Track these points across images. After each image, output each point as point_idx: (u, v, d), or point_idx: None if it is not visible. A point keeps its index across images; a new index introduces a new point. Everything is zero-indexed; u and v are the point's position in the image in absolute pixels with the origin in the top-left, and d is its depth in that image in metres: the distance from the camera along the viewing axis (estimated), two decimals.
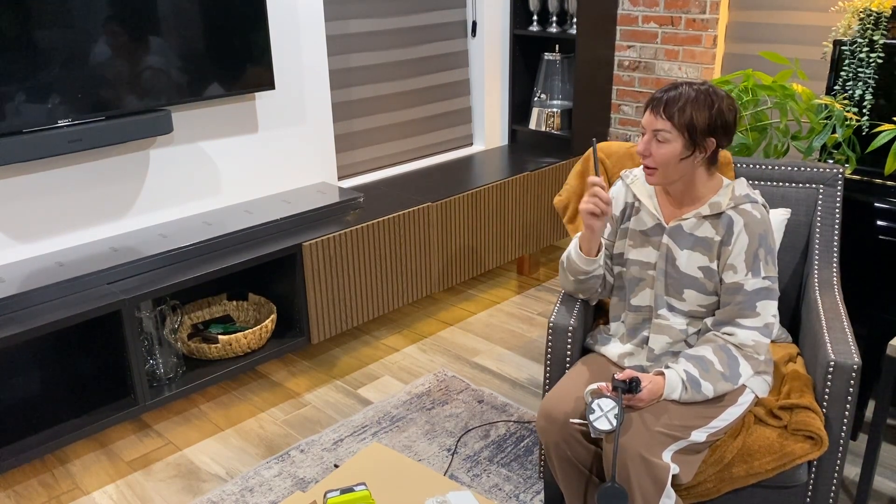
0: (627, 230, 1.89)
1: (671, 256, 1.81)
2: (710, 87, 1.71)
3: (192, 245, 2.51)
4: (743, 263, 1.73)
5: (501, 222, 3.31)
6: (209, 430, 2.61)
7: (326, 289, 2.71)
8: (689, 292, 1.80)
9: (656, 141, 1.71)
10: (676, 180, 1.76)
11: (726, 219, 1.75)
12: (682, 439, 1.69)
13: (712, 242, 1.77)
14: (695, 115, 1.67)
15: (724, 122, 1.70)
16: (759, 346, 1.74)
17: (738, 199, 1.76)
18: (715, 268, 1.77)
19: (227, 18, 2.56)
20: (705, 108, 1.68)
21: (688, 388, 1.70)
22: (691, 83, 1.72)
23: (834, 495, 1.82)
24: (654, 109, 1.71)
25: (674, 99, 1.69)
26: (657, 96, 1.72)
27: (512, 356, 3.05)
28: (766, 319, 1.73)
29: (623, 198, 1.91)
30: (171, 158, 2.69)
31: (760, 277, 1.73)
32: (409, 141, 3.56)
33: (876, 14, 2.47)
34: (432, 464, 2.40)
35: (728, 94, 1.73)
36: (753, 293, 1.72)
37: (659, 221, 1.83)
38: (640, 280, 1.87)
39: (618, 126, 3.85)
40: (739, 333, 1.73)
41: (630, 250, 1.88)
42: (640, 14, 3.59)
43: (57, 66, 2.22)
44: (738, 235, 1.73)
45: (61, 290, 2.25)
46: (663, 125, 1.69)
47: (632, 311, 1.90)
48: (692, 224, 1.79)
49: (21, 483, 2.35)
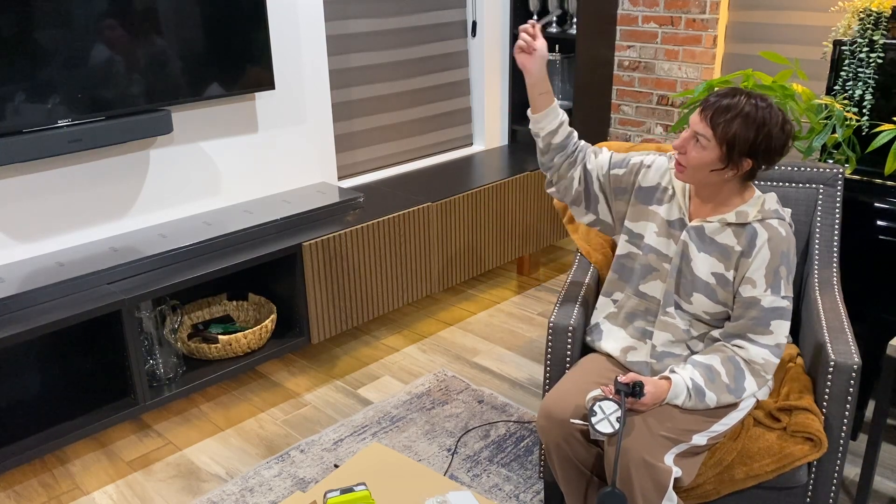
0: (657, 216, 1.83)
1: (687, 256, 1.78)
2: (769, 105, 1.63)
3: (192, 245, 2.51)
4: (763, 279, 1.69)
5: (501, 222, 3.31)
6: (209, 430, 2.61)
7: (326, 289, 2.71)
8: (697, 296, 1.77)
9: (695, 142, 1.66)
10: (703, 185, 1.73)
11: (750, 230, 1.71)
12: (684, 443, 1.68)
13: (732, 251, 1.73)
14: (739, 133, 1.61)
15: (769, 147, 1.63)
16: (767, 366, 1.71)
17: (766, 213, 1.72)
18: (730, 277, 1.73)
19: (227, 18, 2.56)
20: (754, 127, 1.61)
21: (692, 396, 1.69)
22: (752, 95, 1.64)
23: (834, 496, 1.82)
24: (703, 112, 1.65)
25: (725, 108, 1.62)
26: (711, 100, 1.65)
27: (512, 356, 3.05)
28: (778, 339, 1.71)
29: (661, 175, 1.85)
30: (171, 158, 2.69)
31: (779, 296, 1.69)
32: (409, 141, 3.56)
33: (876, 14, 2.47)
34: (432, 464, 2.40)
35: (786, 118, 1.64)
36: (770, 310, 1.69)
37: (682, 216, 1.80)
38: (654, 269, 1.83)
39: (618, 126, 3.85)
40: (750, 349, 1.70)
41: (653, 237, 1.83)
42: (640, 14, 3.59)
43: (57, 65, 2.22)
44: (760, 250, 1.69)
45: (61, 290, 2.25)
46: (705, 131, 1.64)
47: (636, 296, 1.87)
48: (715, 228, 1.75)
49: (21, 483, 2.35)
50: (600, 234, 2.27)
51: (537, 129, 1.84)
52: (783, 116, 1.65)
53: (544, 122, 1.82)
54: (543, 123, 1.82)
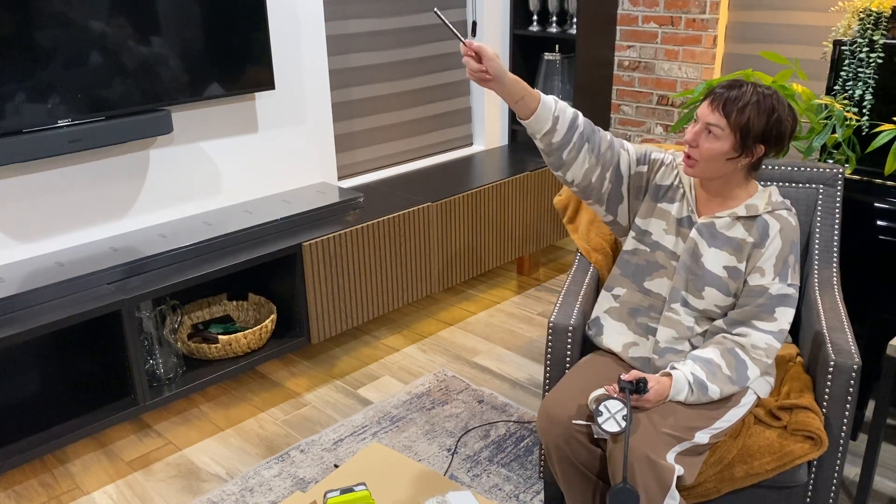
0: (668, 214, 1.83)
1: (696, 252, 1.79)
2: (774, 93, 1.68)
3: (192, 245, 2.51)
4: (772, 268, 1.72)
5: (501, 222, 3.31)
6: (209, 430, 2.61)
7: (326, 289, 2.70)
8: (709, 290, 1.78)
9: (706, 134, 1.69)
10: (714, 178, 1.75)
11: (762, 222, 1.74)
12: (687, 441, 1.68)
13: (744, 244, 1.75)
14: (752, 119, 1.65)
15: (780, 132, 1.68)
16: (770, 351, 1.73)
17: (775, 205, 1.76)
18: (742, 269, 1.75)
19: (227, 18, 2.56)
20: (765, 113, 1.65)
21: (694, 391, 1.70)
22: (756, 85, 1.68)
23: (834, 495, 1.82)
24: (713, 103, 1.67)
25: (735, 97, 1.66)
26: (718, 91, 1.68)
27: (512, 356, 3.05)
28: (781, 325, 1.73)
29: (674, 173, 1.85)
30: (171, 158, 2.69)
31: (786, 283, 1.72)
32: (409, 141, 3.56)
33: (876, 14, 2.47)
34: (432, 464, 2.40)
35: (790, 105, 1.70)
36: (776, 298, 1.72)
37: (691, 213, 1.81)
38: (660, 267, 1.84)
39: (618, 126, 3.85)
40: (753, 335, 1.72)
41: (662, 234, 1.84)
42: (640, 14, 3.59)
43: (57, 65, 2.22)
44: (773, 240, 1.72)
45: (61, 290, 2.25)
46: (718, 120, 1.66)
47: (640, 293, 1.87)
48: (725, 223, 1.77)
49: (21, 483, 2.35)
50: (600, 234, 2.27)
51: (532, 133, 1.76)
52: (787, 103, 1.69)
53: (535, 127, 1.73)
54: (535, 128, 1.73)
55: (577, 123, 1.75)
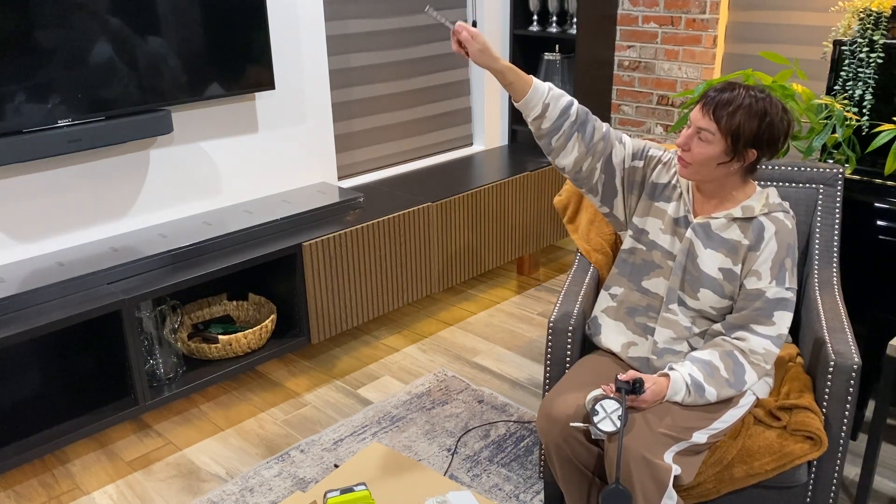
0: (665, 213, 1.83)
1: (692, 253, 1.79)
2: (767, 96, 1.66)
3: (192, 245, 2.51)
4: (768, 271, 1.71)
5: (501, 222, 3.31)
6: (209, 430, 2.61)
7: (326, 289, 2.71)
8: (704, 292, 1.78)
9: (698, 138, 1.68)
10: (708, 181, 1.74)
11: (757, 224, 1.73)
12: (684, 440, 1.68)
13: (739, 246, 1.74)
14: (743, 124, 1.63)
15: (772, 136, 1.66)
16: (768, 356, 1.72)
17: (771, 207, 1.74)
18: (738, 271, 1.75)
19: (227, 18, 2.56)
20: (756, 118, 1.63)
21: (691, 392, 1.69)
22: (749, 88, 1.67)
23: (834, 495, 1.82)
24: (705, 107, 1.67)
25: (726, 101, 1.65)
26: (710, 94, 1.67)
27: (512, 356, 3.05)
28: (780, 330, 1.72)
29: (671, 172, 1.85)
30: (171, 158, 2.69)
31: (784, 287, 1.71)
32: (409, 141, 3.56)
33: (876, 14, 2.47)
34: (432, 464, 2.40)
35: (785, 107, 1.67)
36: (774, 301, 1.71)
37: (687, 213, 1.81)
38: (657, 266, 1.84)
39: (618, 126, 3.85)
40: (752, 339, 1.72)
41: (658, 233, 1.84)
42: (640, 14, 3.59)
43: (57, 65, 2.22)
44: (769, 242, 1.71)
45: (61, 290, 2.25)
46: (708, 125, 1.66)
47: (638, 292, 1.88)
48: (721, 224, 1.77)
49: (21, 483, 2.35)
50: (600, 234, 2.27)
51: (525, 116, 1.82)
52: (782, 105, 1.67)
53: (525, 110, 1.80)
54: (525, 111, 1.80)
55: (569, 112, 1.79)
